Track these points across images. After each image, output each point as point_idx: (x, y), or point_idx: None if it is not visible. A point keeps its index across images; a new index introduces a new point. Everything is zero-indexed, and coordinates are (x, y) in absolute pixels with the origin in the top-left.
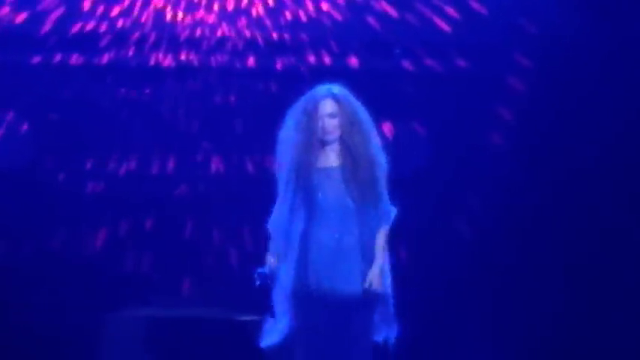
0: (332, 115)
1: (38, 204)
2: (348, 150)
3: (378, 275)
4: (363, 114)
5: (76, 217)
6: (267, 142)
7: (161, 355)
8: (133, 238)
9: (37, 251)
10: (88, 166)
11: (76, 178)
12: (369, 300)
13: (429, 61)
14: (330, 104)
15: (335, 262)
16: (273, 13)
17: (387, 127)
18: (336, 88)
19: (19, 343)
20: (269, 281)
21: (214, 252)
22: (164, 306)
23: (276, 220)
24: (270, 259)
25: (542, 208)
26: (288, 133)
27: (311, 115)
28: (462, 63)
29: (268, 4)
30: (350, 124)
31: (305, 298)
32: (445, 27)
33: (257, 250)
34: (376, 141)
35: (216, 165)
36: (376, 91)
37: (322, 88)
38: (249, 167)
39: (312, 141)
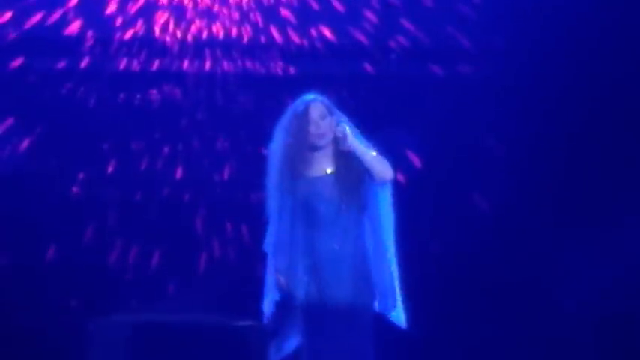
0: (322, 117)
1: (33, 208)
2: (340, 154)
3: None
4: (346, 120)
5: (74, 220)
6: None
7: None
8: (130, 241)
9: (36, 256)
10: (82, 169)
11: (72, 181)
12: (371, 301)
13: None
14: (320, 107)
15: (344, 272)
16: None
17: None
18: (321, 97)
19: (15, 348)
20: (287, 303)
21: (212, 256)
22: (159, 310)
23: (277, 239)
24: (281, 281)
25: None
26: (278, 144)
27: (301, 118)
28: (463, 67)
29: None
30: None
31: (319, 312)
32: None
33: (255, 254)
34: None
35: (211, 169)
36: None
37: (308, 95)
38: (247, 172)
39: (304, 147)
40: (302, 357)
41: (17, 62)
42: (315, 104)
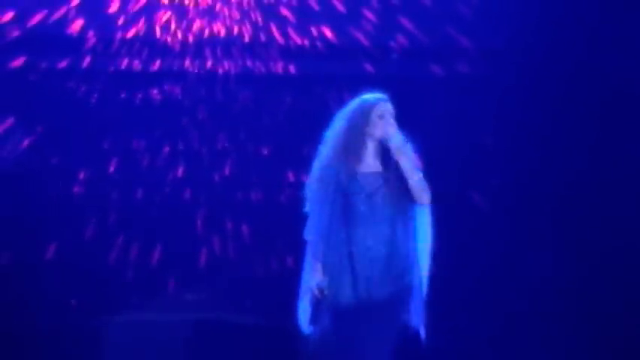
0: (392, 115)
1: (34, 207)
2: (390, 153)
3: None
4: None
5: (75, 219)
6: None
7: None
8: (131, 239)
9: (36, 255)
10: (83, 167)
11: (74, 180)
12: (405, 299)
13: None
14: (390, 106)
15: (384, 271)
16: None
17: None
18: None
19: (15, 347)
20: (325, 292)
21: (212, 254)
22: (160, 309)
23: (318, 227)
24: (319, 269)
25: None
26: (337, 131)
27: (370, 112)
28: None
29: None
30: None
31: (353, 308)
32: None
33: (256, 254)
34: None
35: (212, 167)
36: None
37: (375, 93)
38: (247, 171)
39: (362, 143)
40: (328, 346)
41: (19, 61)
42: (387, 103)
